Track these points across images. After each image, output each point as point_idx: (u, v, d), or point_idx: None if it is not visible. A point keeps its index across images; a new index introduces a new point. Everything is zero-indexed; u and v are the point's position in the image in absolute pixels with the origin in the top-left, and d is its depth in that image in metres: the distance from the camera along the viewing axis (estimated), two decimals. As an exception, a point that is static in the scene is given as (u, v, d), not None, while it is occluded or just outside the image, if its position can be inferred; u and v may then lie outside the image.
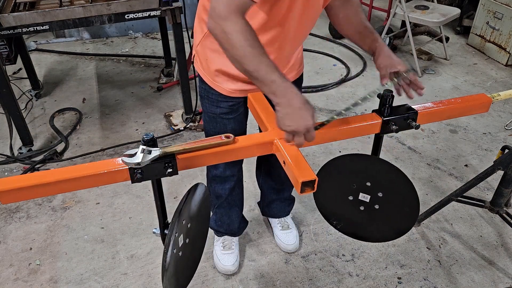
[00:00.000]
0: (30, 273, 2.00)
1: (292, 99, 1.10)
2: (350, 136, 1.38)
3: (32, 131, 2.85)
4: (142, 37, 4.40)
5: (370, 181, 1.40)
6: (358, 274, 2.01)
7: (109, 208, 2.35)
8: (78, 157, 2.72)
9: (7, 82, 2.49)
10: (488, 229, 2.24)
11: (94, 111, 3.20)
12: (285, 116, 1.11)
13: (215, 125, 1.62)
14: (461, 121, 3.08)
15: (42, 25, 2.37)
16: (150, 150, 1.08)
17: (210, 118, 1.63)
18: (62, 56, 3.99)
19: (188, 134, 2.93)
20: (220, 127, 1.61)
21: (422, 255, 2.10)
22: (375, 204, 1.42)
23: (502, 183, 1.87)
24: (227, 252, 2.00)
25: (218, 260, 2.00)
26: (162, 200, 1.25)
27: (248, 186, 2.49)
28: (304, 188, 1.09)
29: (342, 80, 3.58)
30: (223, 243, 2.03)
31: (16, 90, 3.23)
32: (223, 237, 2.05)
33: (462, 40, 4.29)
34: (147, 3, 2.50)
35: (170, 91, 3.45)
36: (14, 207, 2.36)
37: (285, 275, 2.00)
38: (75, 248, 2.13)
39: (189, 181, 2.50)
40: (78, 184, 1.11)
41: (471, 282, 1.97)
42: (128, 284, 1.95)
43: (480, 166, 2.65)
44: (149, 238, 2.16)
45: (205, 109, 1.63)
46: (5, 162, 2.66)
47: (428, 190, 2.48)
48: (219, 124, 1.61)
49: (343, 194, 1.46)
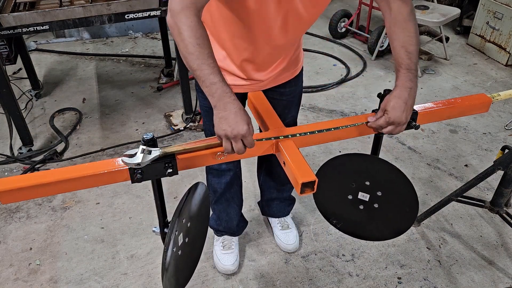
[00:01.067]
0: (30, 273, 2.00)
1: (228, 103, 1.10)
2: (349, 136, 1.39)
3: (32, 131, 2.85)
4: (142, 37, 4.40)
5: (369, 180, 1.40)
6: (358, 274, 2.01)
7: (109, 208, 2.35)
8: (78, 157, 2.72)
9: (7, 82, 2.49)
10: (488, 229, 2.24)
11: (94, 111, 3.20)
12: (220, 120, 1.11)
13: (210, 119, 1.62)
14: (461, 121, 3.08)
15: (42, 25, 2.37)
16: (150, 150, 1.09)
17: (205, 112, 1.64)
18: (62, 56, 3.99)
19: (188, 134, 2.93)
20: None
21: (422, 255, 2.10)
22: (374, 203, 1.43)
23: (502, 183, 1.87)
24: (227, 252, 2.01)
25: (218, 260, 2.00)
26: (162, 200, 1.25)
27: (248, 186, 2.49)
28: (304, 189, 1.09)
29: (342, 80, 3.58)
30: (222, 242, 2.03)
31: (16, 90, 3.23)
32: (223, 236, 2.05)
33: (462, 40, 4.29)
34: (147, 3, 2.50)
35: (170, 91, 3.45)
36: (14, 207, 2.36)
37: (285, 275, 2.00)
38: (75, 248, 2.13)
39: (189, 181, 2.50)
40: (78, 184, 1.11)
41: (471, 282, 1.97)
42: (128, 284, 1.95)
43: (480, 166, 2.65)
44: (149, 238, 2.16)
45: (200, 103, 1.64)
46: (5, 162, 2.66)
47: (428, 190, 2.48)
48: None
49: (343, 193, 1.46)
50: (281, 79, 1.58)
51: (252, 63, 1.44)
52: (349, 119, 1.35)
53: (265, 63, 1.47)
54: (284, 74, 1.57)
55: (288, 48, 1.48)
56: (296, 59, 1.60)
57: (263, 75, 1.50)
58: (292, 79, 1.62)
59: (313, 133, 1.28)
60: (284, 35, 1.35)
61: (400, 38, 1.27)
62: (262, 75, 1.50)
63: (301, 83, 1.73)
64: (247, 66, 1.45)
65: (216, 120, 1.12)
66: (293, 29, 1.35)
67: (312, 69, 3.76)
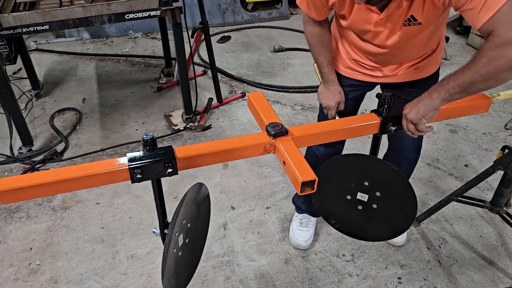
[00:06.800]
0: (30, 273, 2.01)
1: (329, 85, 1.69)
2: (349, 136, 1.39)
3: (32, 131, 2.85)
4: (142, 37, 4.41)
5: (368, 180, 1.40)
6: (358, 274, 2.01)
7: (109, 208, 2.35)
8: (78, 157, 2.72)
9: (7, 82, 2.49)
10: (488, 229, 2.24)
11: (94, 111, 3.20)
12: (320, 92, 1.74)
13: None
14: (461, 121, 3.08)
15: (42, 25, 2.37)
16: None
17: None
18: (62, 56, 3.99)
19: (188, 134, 2.93)
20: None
21: (422, 255, 2.10)
22: (373, 204, 1.43)
23: (502, 183, 1.87)
24: (303, 229, 2.13)
25: (293, 235, 2.13)
26: (162, 200, 1.25)
27: (248, 186, 2.49)
28: (304, 188, 1.09)
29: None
30: (301, 220, 2.16)
31: (16, 90, 3.23)
32: (303, 214, 2.17)
33: (462, 40, 4.29)
34: (147, 3, 2.50)
35: (170, 91, 3.45)
36: (14, 207, 2.36)
37: (285, 275, 2.00)
38: (75, 248, 2.13)
39: (189, 181, 2.50)
40: (78, 184, 1.11)
41: (471, 282, 1.97)
42: (128, 284, 1.95)
43: (480, 166, 2.65)
44: (149, 238, 2.16)
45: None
46: (5, 162, 2.66)
47: (428, 190, 2.48)
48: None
49: (342, 193, 1.46)
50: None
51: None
52: (349, 119, 1.35)
53: (385, 63, 1.67)
54: (406, 74, 1.67)
55: (404, 55, 1.62)
56: (422, 65, 1.66)
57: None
58: (415, 81, 1.67)
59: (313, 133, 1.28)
60: (399, 44, 1.52)
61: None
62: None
63: (424, 85, 1.67)
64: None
65: (318, 91, 1.75)
66: (396, 38, 1.49)
67: (312, 69, 3.75)
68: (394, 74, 1.62)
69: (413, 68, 1.61)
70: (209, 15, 4.53)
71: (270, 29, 4.67)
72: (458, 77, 1.22)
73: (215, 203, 2.37)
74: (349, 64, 1.67)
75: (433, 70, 1.66)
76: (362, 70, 1.66)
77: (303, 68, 3.75)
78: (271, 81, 3.58)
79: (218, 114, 3.17)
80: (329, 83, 1.69)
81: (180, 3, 2.57)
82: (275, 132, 1.21)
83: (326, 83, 1.70)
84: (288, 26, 4.68)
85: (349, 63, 1.67)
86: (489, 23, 1.13)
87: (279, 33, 4.57)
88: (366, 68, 1.64)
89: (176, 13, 2.56)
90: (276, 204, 2.38)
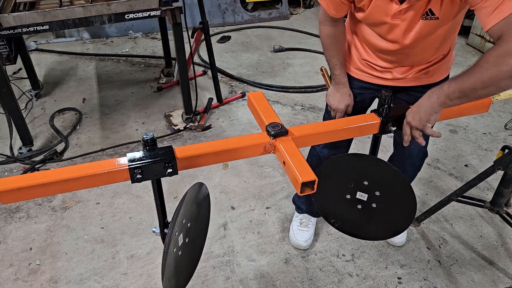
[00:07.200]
0: (30, 273, 2.01)
1: (340, 87, 1.69)
2: (349, 136, 1.39)
3: (32, 131, 2.85)
4: (142, 37, 4.41)
5: (368, 180, 1.40)
6: (358, 274, 2.01)
7: (109, 208, 2.35)
8: (78, 157, 2.72)
9: (7, 82, 2.49)
10: (488, 229, 2.24)
11: (94, 111, 3.20)
12: (329, 94, 1.74)
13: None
14: (461, 121, 3.08)
15: (42, 25, 2.37)
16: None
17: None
18: (62, 56, 3.99)
19: (188, 134, 2.93)
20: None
21: (422, 255, 2.10)
22: (373, 203, 1.43)
23: (502, 183, 1.87)
24: (303, 229, 2.14)
25: (293, 235, 2.14)
26: (162, 200, 1.25)
27: (248, 186, 2.49)
28: (304, 189, 1.09)
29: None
30: (301, 219, 2.16)
31: (16, 90, 3.23)
32: (303, 214, 2.18)
33: (462, 40, 4.29)
34: (147, 3, 2.50)
35: (170, 91, 3.45)
36: (14, 207, 2.36)
37: (285, 275, 2.00)
38: (75, 248, 2.13)
39: (189, 181, 2.50)
40: (78, 184, 1.11)
41: (471, 282, 1.97)
42: (128, 284, 1.95)
43: (480, 166, 2.65)
44: (149, 238, 2.16)
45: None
46: (5, 162, 2.66)
47: (428, 190, 2.48)
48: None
49: (341, 193, 1.46)
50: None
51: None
52: (349, 119, 1.35)
53: (399, 64, 1.66)
54: (420, 79, 1.66)
55: (418, 59, 1.62)
56: (433, 70, 1.65)
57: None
58: (427, 84, 1.65)
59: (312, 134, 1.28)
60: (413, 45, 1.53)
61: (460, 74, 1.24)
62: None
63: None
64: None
65: (327, 93, 1.75)
66: (412, 38, 1.49)
67: (312, 69, 3.75)
68: (403, 77, 1.60)
69: (423, 72, 1.59)
70: (209, 15, 4.53)
71: (270, 29, 4.67)
72: (459, 81, 1.21)
73: (215, 203, 2.37)
74: (360, 65, 1.66)
75: (443, 76, 1.64)
76: (372, 72, 1.64)
77: (303, 68, 3.75)
78: (271, 81, 3.58)
79: (218, 114, 3.17)
80: (340, 85, 1.69)
81: (180, 3, 2.57)
82: (275, 132, 1.21)
83: (337, 86, 1.69)
84: (288, 26, 4.68)
85: (360, 64, 1.66)
86: (500, 26, 1.12)
87: (279, 33, 4.57)
88: (376, 70, 1.63)
89: (176, 13, 2.56)
90: (276, 204, 2.38)
